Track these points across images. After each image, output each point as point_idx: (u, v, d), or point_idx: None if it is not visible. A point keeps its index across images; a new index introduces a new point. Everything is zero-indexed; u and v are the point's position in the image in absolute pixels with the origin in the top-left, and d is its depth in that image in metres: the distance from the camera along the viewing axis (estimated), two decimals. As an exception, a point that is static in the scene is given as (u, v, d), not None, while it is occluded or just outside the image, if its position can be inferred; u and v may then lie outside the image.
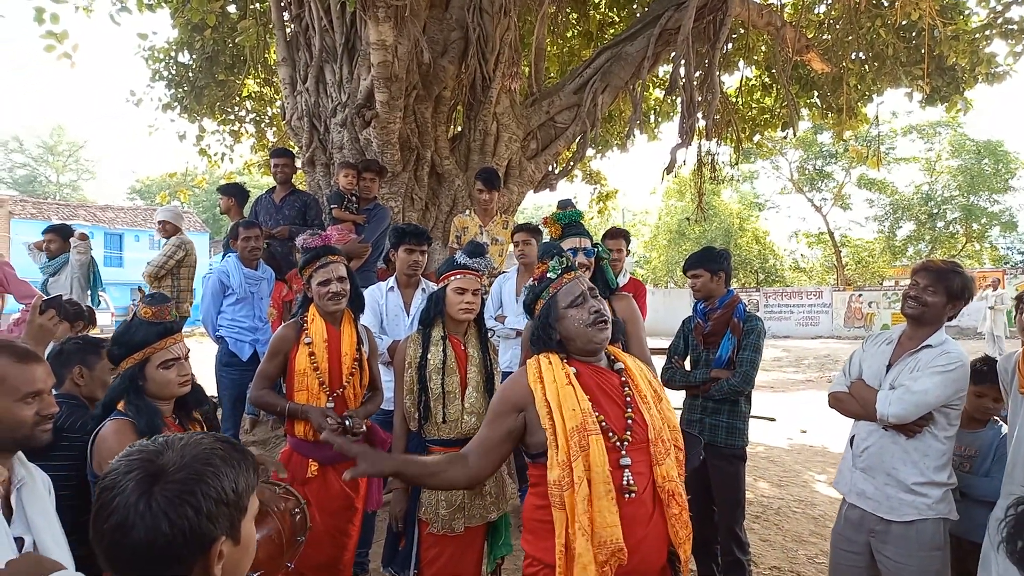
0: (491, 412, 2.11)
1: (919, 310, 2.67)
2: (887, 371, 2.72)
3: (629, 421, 1.96)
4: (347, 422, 2.89)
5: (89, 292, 6.34)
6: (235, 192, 6.11)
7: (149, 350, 2.33)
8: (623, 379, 2.06)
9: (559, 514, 1.87)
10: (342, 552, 2.98)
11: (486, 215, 5.19)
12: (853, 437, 2.83)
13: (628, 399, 2.01)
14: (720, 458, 3.49)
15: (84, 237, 6.32)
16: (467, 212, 5.32)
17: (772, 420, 9.15)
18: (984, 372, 3.01)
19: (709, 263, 3.58)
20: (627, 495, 1.87)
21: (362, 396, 3.12)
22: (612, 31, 8.97)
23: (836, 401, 2.87)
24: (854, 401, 2.75)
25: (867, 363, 2.83)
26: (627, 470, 1.89)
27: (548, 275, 2.11)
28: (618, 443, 1.93)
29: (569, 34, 9.53)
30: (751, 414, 3.69)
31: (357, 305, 3.15)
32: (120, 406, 2.27)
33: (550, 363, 2.04)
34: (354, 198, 5.31)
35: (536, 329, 2.11)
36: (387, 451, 3.14)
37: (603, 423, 1.93)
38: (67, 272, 6.26)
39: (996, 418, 3.10)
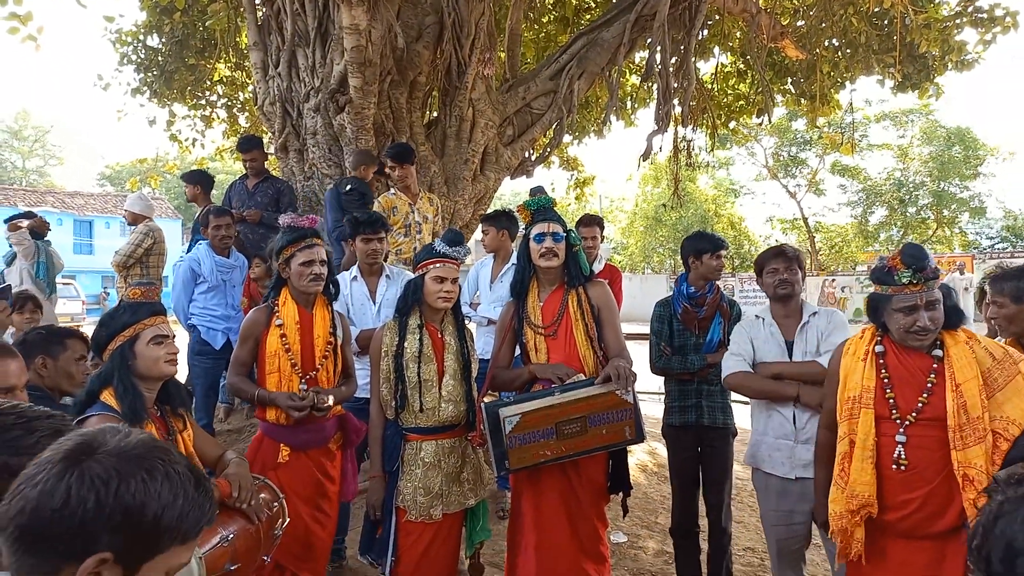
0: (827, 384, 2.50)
1: (791, 289, 3.05)
2: (789, 347, 3.01)
3: (920, 404, 2.20)
4: (315, 396, 2.87)
5: (43, 280, 6.21)
6: (201, 179, 6.03)
7: (139, 326, 2.32)
8: (936, 365, 2.22)
9: None
10: (316, 539, 2.95)
11: (408, 192, 4.98)
12: (793, 417, 2.94)
13: (931, 384, 2.20)
14: (718, 439, 3.56)
15: (14, 227, 6.18)
16: (391, 191, 5.04)
17: (746, 404, 9.25)
18: None
19: (725, 245, 3.63)
20: (896, 466, 2.21)
21: (336, 383, 3.10)
22: (588, 17, 8.92)
23: (754, 380, 2.99)
24: (784, 384, 2.93)
25: (762, 347, 3.05)
26: (900, 446, 2.20)
27: (897, 275, 2.24)
28: (898, 420, 2.22)
29: (545, 19, 9.47)
30: (738, 399, 3.75)
31: (332, 291, 3.12)
32: (104, 396, 2.22)
33: (861, 337, 2.38)
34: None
35: (871, 304, 2.37)
36: (361, 439, 3.14)
37: (891, 400, 2.23)
38: (17, 263, 6.18)
39: None
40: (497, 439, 2.66)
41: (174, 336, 2.43)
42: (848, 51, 8.00)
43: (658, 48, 6.73)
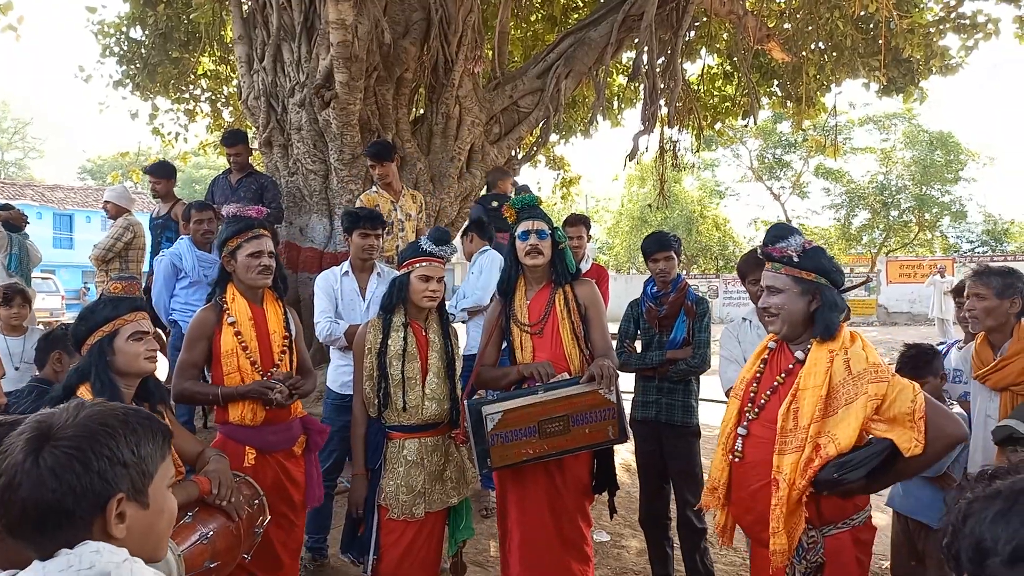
0: None
1: None
2: None
3: (762, 401, 2.19)
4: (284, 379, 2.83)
5: (15, 273, 6.09)
6: (174, 173, 5.97)
7: (119, 322, 2.28)
8: (792, 366, 2.17)
9: None
10: (282, 547, 2.83)
11: (390, 190, 4.94)
12: None
13: (776, 384, 2.18)
14: (677, 436, 3.59)
15: None
16: (373, 189, 4.99)
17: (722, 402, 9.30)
18: (913, 365, 3.16)
19: (675, 245, 3.64)
20: (732, 456, 2.22)
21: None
22: (576, 16, 8.93)
23: None
24: None
25: (749, 349, 3.04)
26: (740, 438, 2.21)
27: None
28: (748, 414, 2.21)
29: (533, 18, 9.46)
30: (711, 398, 3.76)
31: (280, 286, 3.01)
32: (81, 392, 2.19)
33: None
34: None
35: None
36: (324, 442, 3.10)
37: (752, 394, 2.23)
38: None
39: (952, 401, 3.22)
40: (479, 437, 2.65)
41: (155, 332, 2.39)
42: (834, 54, 8.06)
43: (645, 48, 6.74)
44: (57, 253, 28.65)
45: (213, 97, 9.95)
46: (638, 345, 3.80)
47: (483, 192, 6.41)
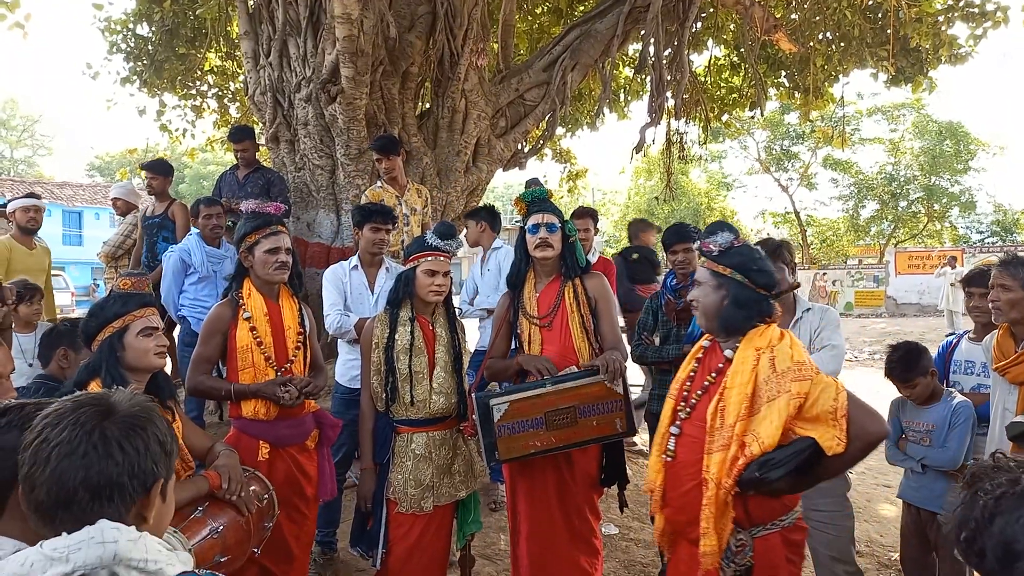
0: None
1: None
2: None
3: (693, 401, 2.16)
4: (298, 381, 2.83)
5: None
6: (171, 170, 5.96)
7: (129, 317, 2.31)
8: (722, 365, 2.13)
9: None
10: (294, 540, 2.85)
11: (396, 184, 4.95)
12: None
13: (707, 384, 2.15)
14: None
15: None
16: (379, 183, 5.00)
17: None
18: (902, 367, 3.16)
19: (695, 237, 3.63)
20: (664, 456, 2.18)
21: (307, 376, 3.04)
22: (582, 8, 8.88)
23: None
24: None
25: None
26: (672, 437, 2.17)
27: None
28: (681, 413, 2.18)
29: (538, 10, 9.42)
30: None
31: (296, 283, 3.03)
32: (91, 387, 2.21)
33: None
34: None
35: None
36: (336, 436, 3.11)
37: (685, 393, 2.20)
38: None
39: (950, 390, 3.20)
40: (487, 429, 2.66)
41: (164, 328, 2.41)
42: (841, 44, 8.00)
43: (651, 40, 6.71)
44: (67, 250, 28.84)
45: (220, 93, 9.97)
46: (657, 339, 3.79)
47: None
